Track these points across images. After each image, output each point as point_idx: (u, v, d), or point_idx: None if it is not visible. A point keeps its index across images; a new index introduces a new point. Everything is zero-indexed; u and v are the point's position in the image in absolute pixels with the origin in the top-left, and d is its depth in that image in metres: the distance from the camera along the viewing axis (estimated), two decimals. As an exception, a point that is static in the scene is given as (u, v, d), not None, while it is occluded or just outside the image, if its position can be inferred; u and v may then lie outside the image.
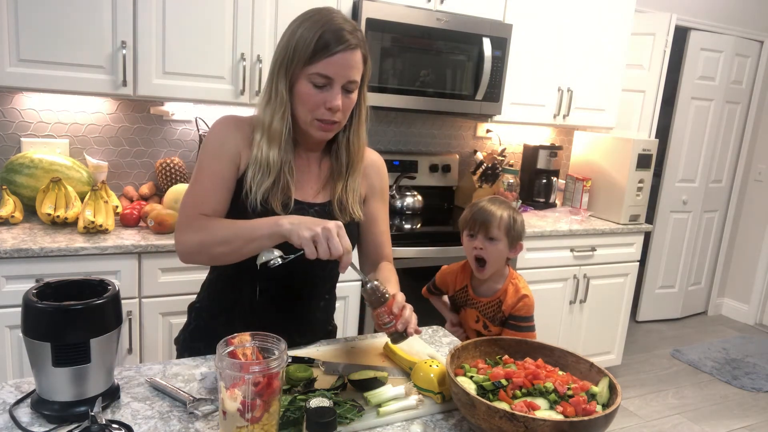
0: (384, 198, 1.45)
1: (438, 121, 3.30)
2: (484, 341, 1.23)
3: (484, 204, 1.72)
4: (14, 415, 1.00)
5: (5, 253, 1.89)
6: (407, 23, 2.61)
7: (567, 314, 3.13)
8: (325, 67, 1.19)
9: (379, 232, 1.43)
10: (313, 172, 1.35)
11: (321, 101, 1.21)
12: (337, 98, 1.20)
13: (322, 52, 1.18)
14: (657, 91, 3.90)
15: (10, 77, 2.07)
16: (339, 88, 1.20)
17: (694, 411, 3.23)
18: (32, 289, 1.01)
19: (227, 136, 1.28)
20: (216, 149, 1.28)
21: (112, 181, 2.54)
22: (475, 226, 1.70)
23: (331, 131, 1.27)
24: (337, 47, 1.18)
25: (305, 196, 1.32)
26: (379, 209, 1.44)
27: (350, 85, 1.22)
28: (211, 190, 1.26)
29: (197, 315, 1.41)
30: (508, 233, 1.68)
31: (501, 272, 1.75)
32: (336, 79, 1.20)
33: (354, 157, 1.34)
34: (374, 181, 1.42)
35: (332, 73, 1.19)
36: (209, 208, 1.25)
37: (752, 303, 4.67)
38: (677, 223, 4.39)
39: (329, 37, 1.18)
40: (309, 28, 1.20)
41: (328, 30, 1.19)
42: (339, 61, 1.19)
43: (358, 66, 1.22)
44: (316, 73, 1.19)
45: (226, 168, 1.27)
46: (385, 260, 1.44)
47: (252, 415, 0.92)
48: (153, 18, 2.22)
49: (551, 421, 0.93)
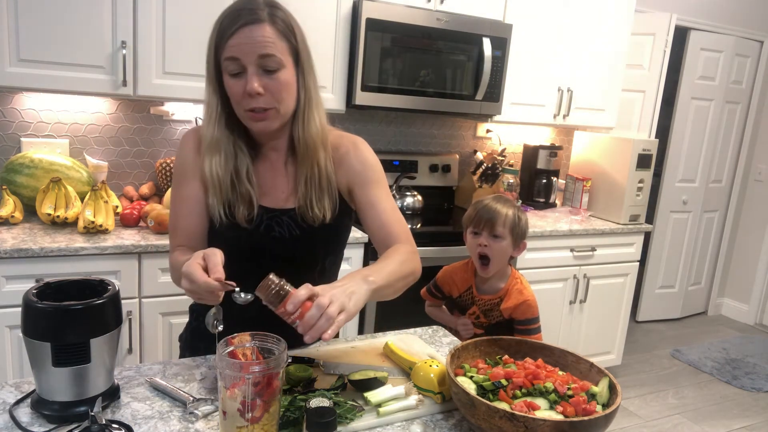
0: (373, 178, 1.28)
1: (438, 121, 3.30)
2: (484, 341, 1.23)
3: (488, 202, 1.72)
4: (14, 415, 1.00)
5: (5, 253, 1.89)
6: (407, 23, 2.61)
7: (567, 314, 3.13)
8: (229, 50, 1.11)
9: (379, 213, 1.26)
10: (281, 174, 1.27)
11: (241, 89, 1.13)
12: (251, 80, 1.11)
13: (222, 36, 1.12)
14: (657, 91, 3.89)
15: (10, 77, 2.07)
16: (253, 68, 1.11)
17: (694, 411, 3.23)
18: (32, 289, 1.01)
19: (186, 156, 1.27)
20: (179, 173, 1.28)
21: (112, 181, 2.54)
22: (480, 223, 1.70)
23: (268, 119, 1.16)
24: (234, 25, 1.11)
25: (275, 202, 1.26)
26: (372, 192, 1.28)
27: (266, 62, 1.11)
28: (183, 217, 1.26)
29: (197, 316, 1.41)
30: (512, 231, 1.68)
31: (504, 271, 1.75)
32: (243, 59, 1.11)
33: (305, 149, 1.22)
34: (354, 166, 1.27)
35: (236, 53, 1.11)
36: (183, 235, 1.26)
37: (752, 303, 4.67)
38: (677, 223, 4.39)
39: (228, 19, 1.12)
40: (216, 22, 1.15)
41: (229, 13, 1.13)
42: (240, 39, 1.10)
43: (269, 40, 1.11)
44: (225, 58, 1.12)
45: (192, 190, 1.25)
46: (397, 241, 1.25)
47: (252, 415, 0.92)
48: (153, 18, 2.22)
49: (551, 421, 0.93)
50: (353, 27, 2.57)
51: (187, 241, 1.26)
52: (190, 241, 1.26)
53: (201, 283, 0.99)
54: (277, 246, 1.25)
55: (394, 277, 1.14)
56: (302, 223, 1.25)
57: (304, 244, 1.26)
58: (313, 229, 1.25)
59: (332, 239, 1.32)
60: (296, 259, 1.27)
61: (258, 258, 1.24)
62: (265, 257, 1.25)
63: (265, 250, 1.25)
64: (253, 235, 1.24)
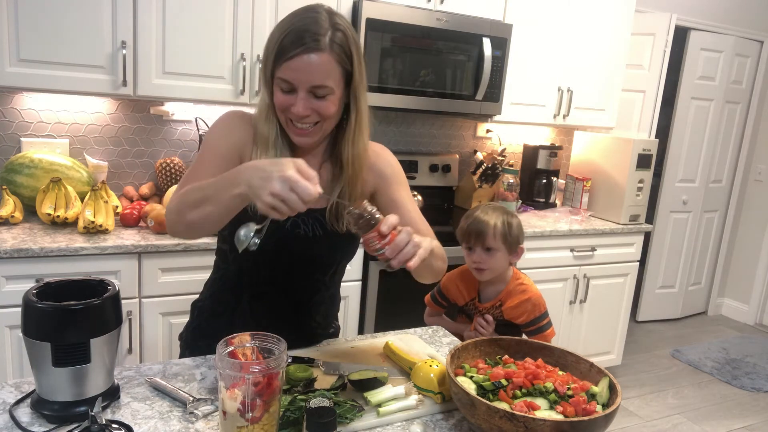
0: (399, 180, 1.34)
1: (438, 121, 3.30)
2: (484, 341, 1.23)
3: (477, 214, 1.69)
4: (14, 415, 1.00)
5: (5, 253, 1.89)
6: (407, 23, 2.61)
7: (567, 314, 3.13)
8: (285, 71, 1.12)
9: (407, 212, 1.30)
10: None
11: (287, 106, 1.15)
12: (298, 104, 1.13)
13: (281, 55, 1.12)
14: (657, 91, 3.89)
15: (10, 77, 2.07)
16: (303, 93, 1.13)
17: (694, 411, 3.23)
18: (32, 289, 1.01)
19: (236, 127, 1.26)
20: (223, 132, 1.26)
21: (112, 181, 2.54)
22: (470, 239, 1.68)
23: (310, 136, 1.19)
24: (294, 50, 1.10)
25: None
26: (399, 192, 1.32)
27: (318, 90, 1.13)
28: (210, 167, 1.21)
29: (199, 313, 1.41)
30: (505, 241, 1.66)
31: (504, 274, 1.74)
32: (296, 84, 1.12)
33: (348, 166, 1.25)
34: (383, 169, 1.32)
35: (290, 78, 1.12)
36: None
37: (752, 303, 4.67)
38: (677, 223, 4.39)
39: (289, 40, 1.11)
40: (277, 29, 1.14)
41: (292, 31, 1.11)
42: (297, 65, 1.11)
43: (324, 70, 1.12)
44: (279, 77, 1.13)
45: (230, 151, 1.24)
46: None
47: (252, 415, 0.92)
48: (153, 18, 2.22)
49: (551, 421, 0.93)
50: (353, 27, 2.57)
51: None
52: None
53: (310, 191, 0.94)
54: (299, 243, 1.26)
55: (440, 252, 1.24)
56: (326, 225, 1.27)
57: (324, 245, 1.28)
58: (337, 233, 1.27)
59: (351, 245, 1.34)
60: (314, 259, 1.29)
61: (279, 252, 1.25)
62: (285, 252, 1.26)
63: (286, 246, 1.26)
64: (278, 229, 1.23)
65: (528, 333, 1.70)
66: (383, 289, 2.55)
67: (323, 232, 1.27)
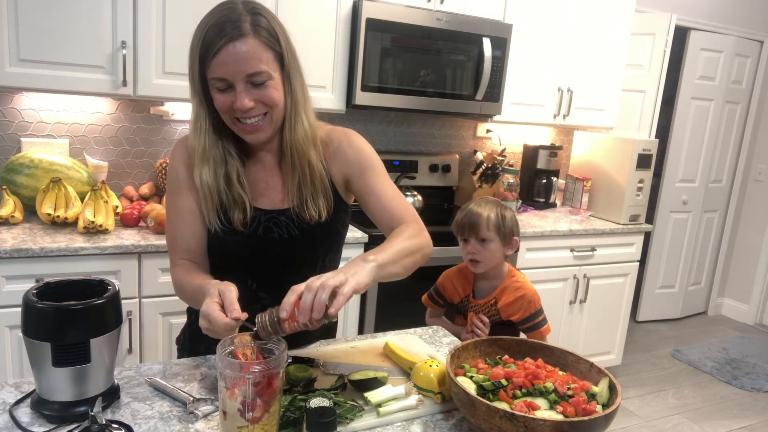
0: (369, 166, 1.27)
1: (438, 121, 3.30)
2: (484, 341, 1.23)
3: (471, 207, 1.73)
4: (14, 415, 1.00)
5: (5, 253, 1.89)
6: (407, 23, 2.61)
7: (567, 314, 3.13)
8: (215, 69, 1.08)
9: (380, 198, 1.25)
10: (275, 175, 1.26)
11: (229, 104, 1.11)
12: (241, 99, 1.09)
13: (207, 53, 1.08)
14: (657, 91, 3.89)
15: (10, 77, 2.07)
16: (241, 85, 1.09)
17: (694, 411, 3.23)
18: (32, 289, 1.01)
19: (178, 166, 1.25)
20: (172, 186, 1.27)
21: (112, 181, 2.54)
22: (464, 230, 1.71)
23: (262, 131, 1.15)
24: (218, 43, 1.06)
25: (272, 203, 1.26)
26: (370, 179, 1.26)
27: (255, 78, 1.09)
28: (180, 229, 1.25)
29: (196, 317, 1.40)
30: (498, 232, 1.68)
31: (499, 271, 1.75)
32: (231, 78, 1.08)
33: (295, 153, 1.20)
34: (349, 157, 1.26)
35: (223, 74, 1.08)
36: (182, 249, 1.25)
37: (752, 303, 4.67)
38: (677, 223, 4.39)
39: (210, 35, 1.07)
40: (197, 31, 1.11)
41: (211, 26, 1.08)
42: (225, 58, 1.07)
43: (254, 56, 1.08)
44: (212, 78, 1.09)
45: (186, 201, 1.24)
46: (402, 222, 1.23)
47: (252, 415, 0.92)
48: (153, 18, 2.22)
49: (551, 421, 0.93)
50: (353, 27, 2.57)
51: (187, 255, 1.26)
52: (190, 255, 1.26)
53: (221, 323, 0.98)
54: (277, 247, 1.25)
55: (399, 254, 1.12)
56: (300, 223, 1.25)
57: (303, 244, 1.26)
58: (311, 227, 1.25)
59: (331, 237, 1.31)
60: (296, 259, 1.27)
61: (259, 259, 1.25)
62: (266, 258, 1.25)
63: (265, 252, 1.25)
64: (251, 237, 1.23)
65: (524, 330, 1.70)
66: (383, 289, 2.55)
67: (299, 231, 1.25)
